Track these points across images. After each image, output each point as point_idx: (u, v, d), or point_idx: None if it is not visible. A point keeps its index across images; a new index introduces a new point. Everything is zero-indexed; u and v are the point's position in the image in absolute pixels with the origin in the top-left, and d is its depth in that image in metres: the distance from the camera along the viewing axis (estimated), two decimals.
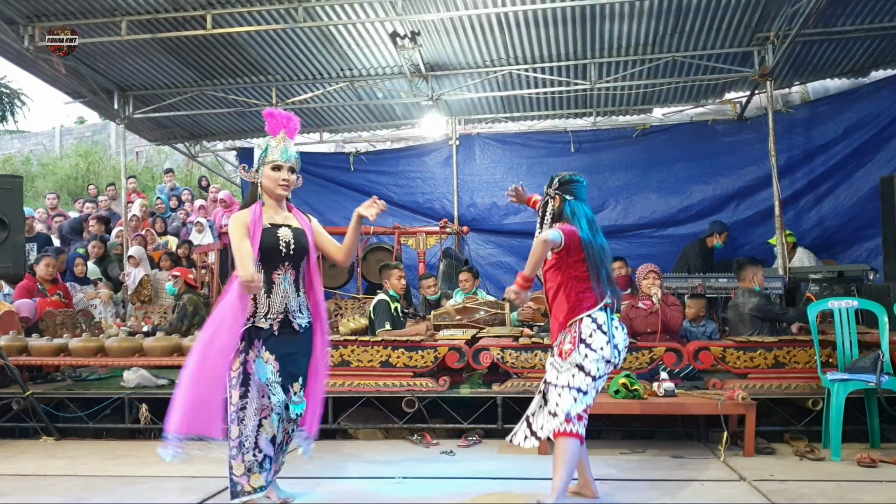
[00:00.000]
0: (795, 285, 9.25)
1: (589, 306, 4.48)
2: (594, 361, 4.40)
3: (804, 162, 11.47)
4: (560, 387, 4.42)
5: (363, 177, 13.13)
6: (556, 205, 4.69)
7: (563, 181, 4.72)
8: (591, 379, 4.41)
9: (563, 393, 4.40)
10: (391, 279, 7.96)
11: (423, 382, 6.62)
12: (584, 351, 4.39)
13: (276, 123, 4.48)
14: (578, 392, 4.38)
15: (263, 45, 10.32)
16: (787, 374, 6.43)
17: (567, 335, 4.49)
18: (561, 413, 4.36)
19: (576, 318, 4.47)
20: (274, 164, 4.39)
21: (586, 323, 4.45)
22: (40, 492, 5.17)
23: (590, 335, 4.43)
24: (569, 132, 12.72)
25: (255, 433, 4.15)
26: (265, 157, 4.41)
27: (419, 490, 5.08)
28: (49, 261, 9.30)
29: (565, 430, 4.33)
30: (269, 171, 4.40)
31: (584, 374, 4.39)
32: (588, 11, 9.43)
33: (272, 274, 4.33)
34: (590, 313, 4.47)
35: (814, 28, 9.54)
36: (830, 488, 4.96)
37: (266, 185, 4.42)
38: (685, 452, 5.96)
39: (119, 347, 7.35)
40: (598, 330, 4.45)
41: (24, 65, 10.28)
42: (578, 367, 4.39)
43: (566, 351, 4.44)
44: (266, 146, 4.44)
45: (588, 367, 4.39)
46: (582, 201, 4.69)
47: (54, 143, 26.89)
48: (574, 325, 4.47)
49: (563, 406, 4.37)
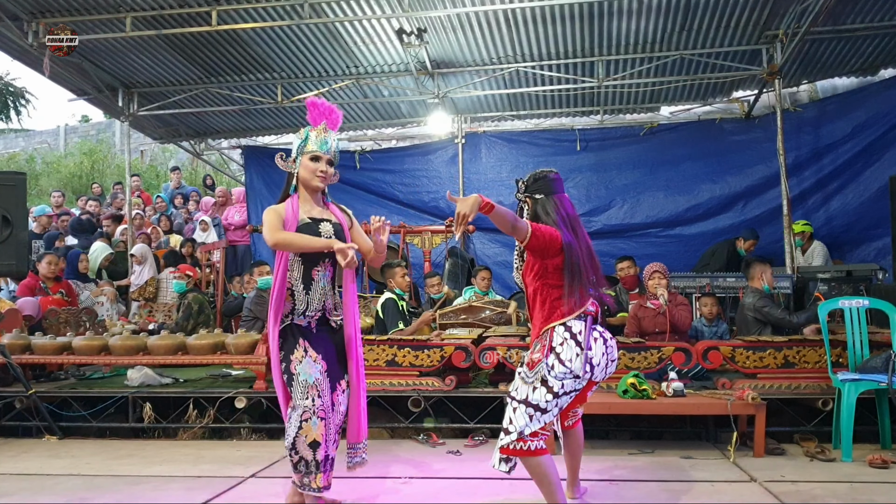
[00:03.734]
0: (804, 284, 9.20)
1: (562, 314, 4.10)
2: (559, 376, 4.01)
3: (812, 161, 11.42)
4: (517, 401, 4.07)
5: (369, 175, 13.09)
6: (529, 208, 4.31)
7: (528, 183, 4.36)
8: (553, 395, 4.01)
9: (519, 409, 4.05)
10: (395, 278, 7.91)
11: (429, 382, 6.57)
12: (553, 361, 4.02)
13: (319, 114, 4.40)
14: (535, 410, 4.01)
15: (269, 41, 10.28)
16: (796, 374, 6.37)
17: (538, 344, 4.15)
18: (514, 431, 4.02)
19: (548, 327, 4.11)
20: (313, 154, 4.32)
21: (558, 331, 4.07)
22: (44, 491, 5.13)
23: (560, 343, 4.04)
24: (576, 130, 12.67)
25: (294, 434, 4.09)
26: (304, 147, 4.34)
27: (426, 490, 5.03)
28: (51, 259, 9.27)
29: (519, 448, 4.00)
30: (307, 162, 4.32)
31: (545, 389, 4.01)
32: (596, 8, 9.39)
33: (312, 270, 4.29)
34: (564, 321, 4.08)
35: (823, 26, 9.51)
36: (843, 489, 4.90)
37: (303, 176, 4.34)
38: (694, 453, 5.90)
39: (123, 346, 7.31)
40: (570, 339, 4.05)
41: (28, 62, 10.23)
42: (542, 380, 4.02)
43: (534, 360, 4.09)
44: (306, 135, 4.36)
45: (552, 382, 4.00)
46: (554, 194, 4.30)
47: (58, 142, 26.89)
48: (546, 334, 4.12)
49: (517, 424, 4.03)
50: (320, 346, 4.26)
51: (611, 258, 9.54)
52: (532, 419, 4.00)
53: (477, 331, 7.44)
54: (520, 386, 4.12)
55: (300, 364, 4.15)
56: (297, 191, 4.38)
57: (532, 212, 4.29)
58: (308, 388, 4.11)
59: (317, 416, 4.10)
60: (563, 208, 4.25)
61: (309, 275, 4.29)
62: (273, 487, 5.11)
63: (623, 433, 6.62)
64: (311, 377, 4.13)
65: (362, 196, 13.04)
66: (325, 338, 4.33)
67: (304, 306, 4.27)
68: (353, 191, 12.98)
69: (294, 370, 4.14)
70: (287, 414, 4.17)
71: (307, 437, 4.08)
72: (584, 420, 4.67)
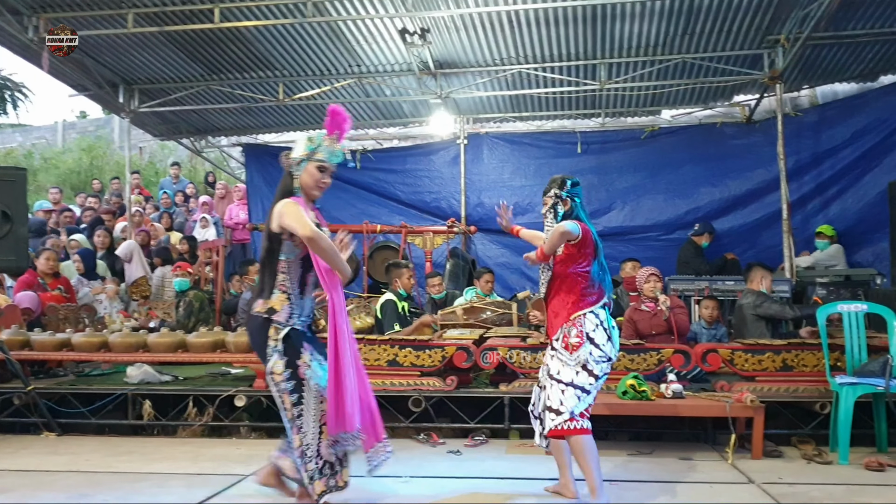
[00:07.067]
0: (803, 289, 9.23)
1: (592, 302, 4.61)
2: (598, 360, 4.50)
3: (812, 166, 11.42)
4: (564, 384, 4.47)
5: (370, 175, 13.06)
6: (566, 208, 4.76)
7: (573, 183, 4.81)
8: (594, 378, 4.50)
9: (568, 391, 4.45)
10: (402, 278, 7.92)
11: (430, 382, 6.58)
12: (590, 347, 4.47)
13: (336, 123, 4.28)
14: (582, 391, 4.45)
15: (271, 39, 10.27)
16: (794, 378, 6.41)
17: (572, 329, 4.54)
18: (566, 411, 4.40)
19: (579, 313, 4.56)
20: (321, 164, 4.24)
21: (589, 318, 4.56)
22: (43, 488, 5.14)
23: (593, 329, 4.53)
24: (577, 133, 12.65)
25: (317, 440, 4.06)
26: (314, 153, 4.23)
27: (426, 489, 5.05)
28: (50, 255, 9.27)
29: (572, 427, 4.38)
30: (314, 170, 4.23)
31: (587, 373, 4.47)
32: (599, 11, 9.40)
33: (307, 275, 4.24)
34: (592, 309, 4.59)
35: (824, 31, 9.50)
36: (840, 492, 4.95)
37: (305, 181, 4.24)
38: (693, 454, 5.93)
39: (122, 343, 7.32)
40: (599, 326, 4.56)
41: (28, 56, 10.19)
42: (583, 365, 4.46)
43: (573, 345, 4.50)
44: (319, 142, 4.25)
45: (591, 366, 4.47)
46: (582, 202, 4.86)
47: (56, 137, 26.83)
48: (578, 320, 4.55)
49: (567, 404, 4.42)
50: (321, 350, 4.25)
51: (611, 261, 9.47)
52: (580, 399, 4.44)
53: (478, 331, 7.45)
54: (561, 369, 4.51)
55: (309, 369, 4.11)
56: (298, 192, 4.27)
57: (570, 211, 4.74)
58: (321, 392, 4.08)
59: None
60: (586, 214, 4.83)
61: (304, 279, 4.24)
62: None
63: (621, 434, 6.63)
64: (323, 380, 4.10)
65: (364, 196, 13.04)
66: (318, 343, 4.32)
67: (300, 311, 4.24)
68: (355, 190, 12.99)
69: (303, 375, 4.10)
70: (295, 423, 4.09)
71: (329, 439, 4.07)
72: None
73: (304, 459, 4.07)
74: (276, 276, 4.18)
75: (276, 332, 4.14)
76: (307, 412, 4.08)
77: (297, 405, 4.08)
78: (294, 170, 4.27)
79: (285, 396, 4.10)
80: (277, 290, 4.18)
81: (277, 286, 4.18)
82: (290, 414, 4.09)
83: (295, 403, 4.09)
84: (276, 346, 4.12)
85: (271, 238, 4.17)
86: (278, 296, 4.18)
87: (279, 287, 4.18)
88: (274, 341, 4.13)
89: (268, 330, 4.15)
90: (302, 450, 4.07)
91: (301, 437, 4.07)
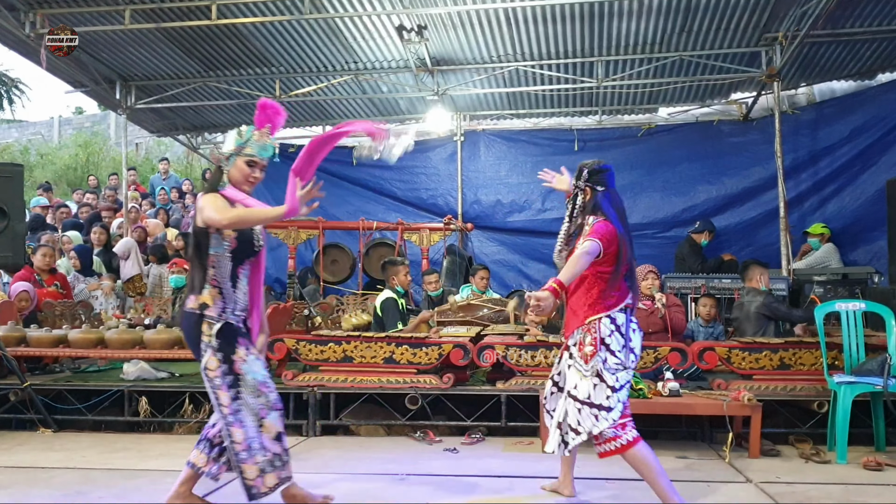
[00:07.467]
0: (800, 287, 9.23)
1: (610, 305, 4.31)
2: (612, 369, 4.21)
3: (809, 164, 11.43)
4: (580, 402, 4.22)
5: (366, 171, 13.02)
6: (586, 198, 4.53)
7: (592, 171, 4.54)
8: (612, 391, 4.19)
9: (584, 410, 4.20)
10: (399, 275, 7.90)
11: (426, 379, 6.57)
12: (605, 355, 4.21)
13: (266, 117, 4.25)
14: (600, 409, 4.17)
15: (268, 36, 10.26)
16: (792, 376, 6.41)
17: (587, 335, 4.28)
18: (584, 432, 4.20)
19: (595, 317, 4.29)
20: (250, 159, 4.17)
21: (605, 323, 4.27)
22: (38, 484, 5.11)
23: (609, 335, 4.25)
24: (574, 130, 12.65)
25: (259, 434, 4.00)
26: (243, 148, 4.17)
27: (423, 488, 5.03)
28: (46, 251, 9.23)
29: (613, 448, 4.21)
30: (242, 164, 4.17)
31: (604, 385, 4.19)
32: (596, 9, 9.39)
33: (238, 268, 4.15)
34: (609, 313, 4.29)
35: (822, 29, 9.50)
36: (838, 491, 4.94)
37: (234, 176, 4.19)
38: (690, 453, 5.92)
39: (119, 339, 7.30)
40: (616, 332, 4.28)
41: (24, 52, 10.18)
42: (597, 374, 4.20)
43: (588, 354, 4.24)
44: (248, 136, 4.18)
45: (607, 377, 4.19)
46: (611, 190, 4.55)
47: (53, 133, 26.81)
48: (593, 324, 4.28)
49: (584, 425, 4.19)
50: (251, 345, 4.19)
51: None
52: (598, 419, 4.16)
53: (475, 329, 7.43)
54: (578, 382, 4.24)
55: (245, 363, 4.04)
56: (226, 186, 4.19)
57: (592, 201, 4.49)
58: (258, 386, 4.02)
59: (273, 410, 4.05)
60: (618, 202, 4.53)
61: (235, 272, 4.15)
62: None
63: None
64: (260, 374, 4.05)
65: (360, 192, 13.03)
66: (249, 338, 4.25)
67: (234, 304, 4.14)
68: (351, 187, 13.00)
69: (240, 370, 4.02)
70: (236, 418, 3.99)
71: (270, 433, 4.02)
72: None
73: (250, 452, 3.97)
74: (205, 271, 4.10)
75: (210, 328, 4.04)
76: (245, 407, 4.00)
77: (235, 400, 3.99)
78: (223, 164, 4.21)
79: (221, 392, 4.00)
80: (209, 284, 4.09)
81: (208, 281, 4.09)
82: (227, 409, 3.99)
83: (233, 399, 3.99)
84: (210, 341, 4.03)
85: (197, 234, 4.08)
86: (210, 290, 4.09)
87: (210, 282, 4.09)
88: (207, 337, 4.03)
89: (201, 326, 4.06)
90: (248, 443, 3.97)
91: (244, 431, 3.97)
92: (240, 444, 3.97)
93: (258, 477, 3.98)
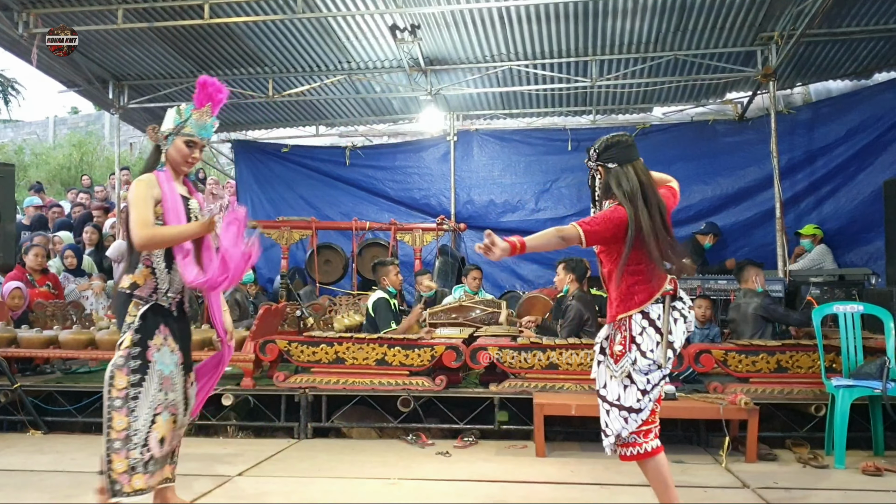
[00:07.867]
0: (796, 288, 9.18)
1: (640, 301, 3.87)
2: (643, 370, 3.84)
3: (805, 164, 11.39)
4: (609, 404, 3.95)
5: (359, 171, 13.01)
6: (601, 178, 4.05)
7: (600, 150, 4.06)
8: (642, 393, 3.86)
9: (613, 413, 3.94)
10: (389, 276, 7.83)
11: (419, 381, 6.51)
12: (635, 355, 3.84)
13: (207, 95, 4.18)
14: (630, 412, 3.88)
15: (261, 35, 10.22)
16: (789, 379, 6.35)
17: (618, 333, 3.93)
18: (612, 434, 3.93)
19: (625, 315, 3.89)
20: (189, 139, 4.10)
21: (636, 319, 3.86)
22: (27, 488, 5.06)
23: (640, 333, 3.85)
24: (568, 130, 12.60)
25: (147, 429, 3.83)
26: (182, 127, 4.08)
27: (414, 492, 4.97)
28: (38, 251, 9.15)
29: (631, 454, 3.92)
30: (181, 144, 4.08)
31: (634, 387, 3.87)
32: (590, 7, 9.35)
33: (173, 249, 3.97)
34: (641, 308, 3.86)
35: (818, 28, 9.47)
36: (837, 496, 4.89)
37: (172, 156, 4.09)
38: (686, 457, 5.86)
39: (110, 340, 7.21)
40: (649, 327, 3.84)
41: (18, 52, 10.13)
42: (628, 376, 3.87)
43: (617, 353, 3.90)
44: (187, 115, 4.11)
45: (637, 378, 3.86)
46: (628, 162, 4.01)
47: (48, 133, 26.77)
48: (623, 322, 3.90)
49: (612, 427, 3.93)
50: (178, 334, 4.06)
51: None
52: (628, 421, 3.89)
53: (468, 330, 7.37)
54: (608, 382, 3.97)
55: (158, 352, 3.91)
56: (164, 167, 4.10)
57: (604, 183, 4.03)
58: (163, 380, 3.91)
59: (168, 412, 3.93)
60: (635, 177, 3.97)
61: (170, 253, 3.99)
62: (260, 486, 5.06)
63: None
64: (168, 368, 3.94)
65: (352, 192, 12.99)
66: (183, 325, 4.15)
67: (167, 286, 4.01)
68: (344, 187, 12.97)
69: (151, 357, 3.89)
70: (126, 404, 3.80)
71: (158, 433, 3.87)
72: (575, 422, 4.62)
73: (125, 444, 3.78)
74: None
75: (136, 308, 3.92)
76: (144, 396, 3.84)
77: (135, 386, 3.82)
78: (162, 144, 4.12)
79: (119, 372, 3.82)
80: (142, 264, 3.98)
81: (142, 261, 3.97)
82: (117, 393, 3.80)
83: (134, 384, 3.82)
84: (132, 322, 3.89)
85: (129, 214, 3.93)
86: (142, 270, 3.97)
87: (143, 262, 3.98)
88: (131, 317, 3.91)
89: (128, 305, 3.94)
90: (127, 433, 3.79)
91: (130, 420, 3.80)
92: (118, 431, 3.79)
93: (125, 473, 3.79)
